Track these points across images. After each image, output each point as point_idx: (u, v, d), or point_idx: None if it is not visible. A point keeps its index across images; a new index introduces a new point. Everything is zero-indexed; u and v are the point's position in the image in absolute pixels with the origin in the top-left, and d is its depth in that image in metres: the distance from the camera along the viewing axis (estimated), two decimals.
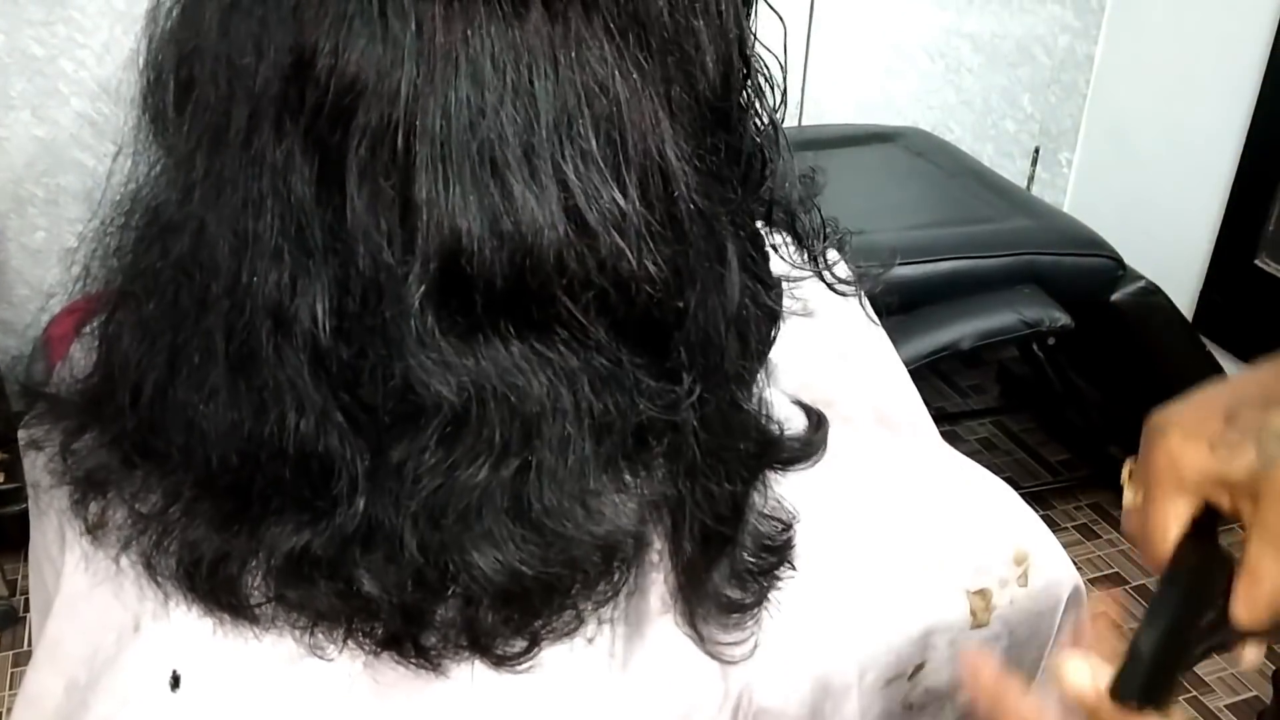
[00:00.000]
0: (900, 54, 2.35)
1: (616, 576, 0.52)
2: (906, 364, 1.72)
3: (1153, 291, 1.84)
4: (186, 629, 0.52)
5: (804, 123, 2.30)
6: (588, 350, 0.49)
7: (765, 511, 0.56)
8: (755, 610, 0.55)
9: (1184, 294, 2.23)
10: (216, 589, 0.51)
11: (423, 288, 0.46)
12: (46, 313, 2.01)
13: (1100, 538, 2.16)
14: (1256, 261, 2.14)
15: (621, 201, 0.47)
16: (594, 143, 0.46)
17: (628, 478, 0.51)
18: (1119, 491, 0.55)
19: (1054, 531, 0.63)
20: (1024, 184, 2.56)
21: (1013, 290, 1.70)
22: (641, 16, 0.47)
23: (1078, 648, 0.47)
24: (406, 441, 0.48)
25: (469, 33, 0.45)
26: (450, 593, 0.50)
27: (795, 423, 0.63)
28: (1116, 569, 2.07)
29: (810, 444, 0.60)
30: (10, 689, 1.75)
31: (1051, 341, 1.92)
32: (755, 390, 0.57)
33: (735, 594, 0.54)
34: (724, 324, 0.52)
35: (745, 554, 0.55)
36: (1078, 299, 1.77)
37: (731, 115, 0.53)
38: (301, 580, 0.51)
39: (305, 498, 0.50)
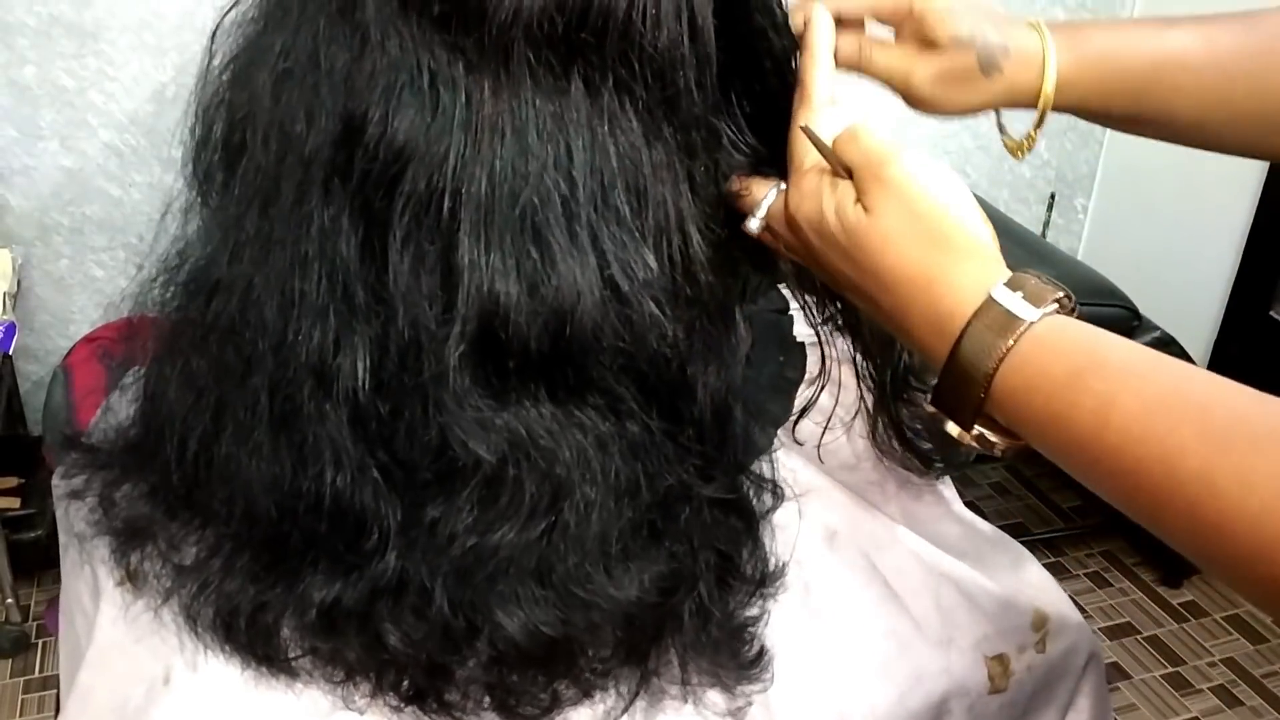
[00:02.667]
0: None
1: (635, 643, 0.53)
2: None
3: (1168, 342, 1.84)
4: (217, 682, 0.53)
5: None
6: (618, 416, 0.50)
7: (761, 566, 0.58)
8: (764, 659, 0.56)
9: (1199, 343, 2.24)
10: (254, 640, 0.52)
11: (461, 349, 0.47)
12: (67, 339, 2.03)
13: (1112, 585, 2.15)
14: (1272, 313, 2.14)
15: (654, 268, 0.48)
16: (627, 211, 0.48)
17: (653, 546, 0.52)
18: (1131, 539, 0.63)
19: (1065, 578, 0.65)
20: (1039, 229, 2.57)
21: None
22: (671, 96, 0.49)
23: None
24: (443, 500, 0.49)
25: (515, 104, 0.46)
26: (475, 650, 0.51)
27: (802, 475, 0.63)
28: (1128, 618, 2.06)
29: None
30: (21, 715, 1.75)
31: None
32: (769, 453, 0.58)
33: (743, 649, 0.55)
34: (734, 392, 0.53)
35: (747, 613, 0.56)
36: None
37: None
38: (333, 633, 0.52)
39: (339, 551, 0.51)
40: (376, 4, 0.46)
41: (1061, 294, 0.49)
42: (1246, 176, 2.16)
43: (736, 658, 0.54)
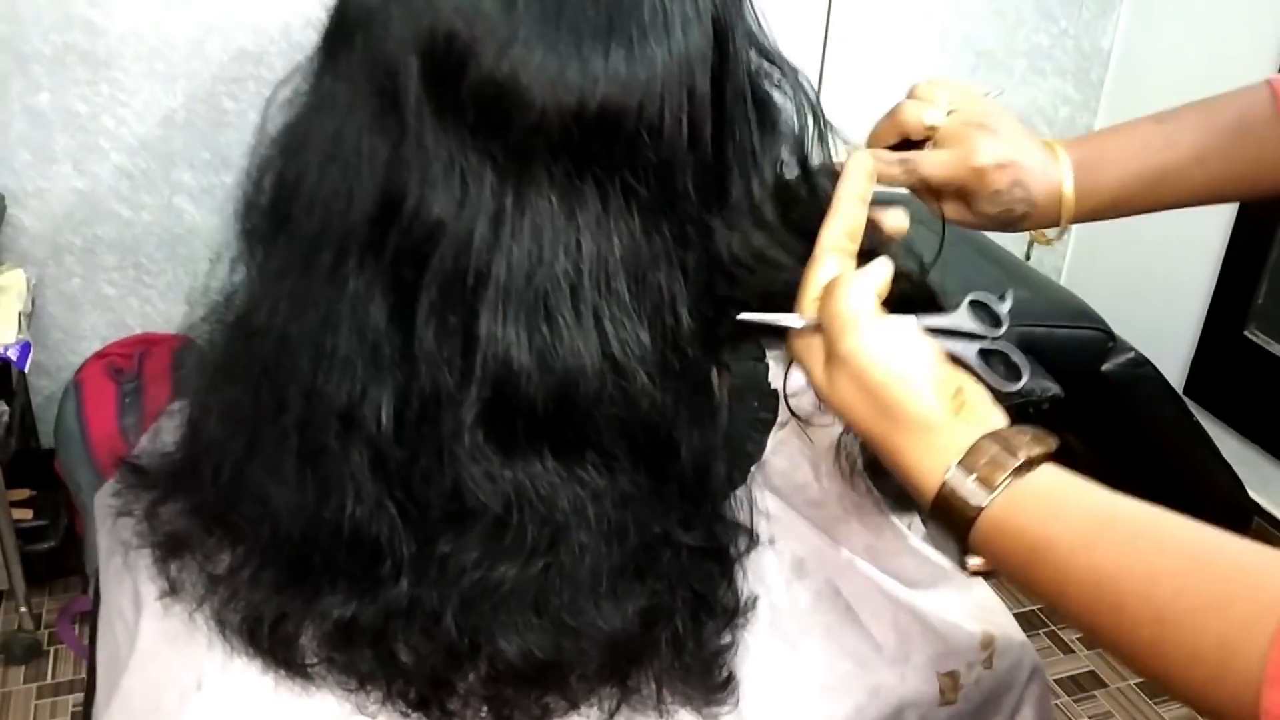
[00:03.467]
0: None
1: (618, 666, 0.59)
2: None
3: (1141, 363, 1.91)
4: (243, 687, 0.60)
5: None
6: (611, 472, 0.56)
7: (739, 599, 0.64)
8: (730, 684, 0.63)
9: (1176, 362, 2.30)
10: (275, 645, 0.59)
11: (476, 409, 0.54)
12: (78, 355, 2.10)
13: None
14: (1246, 333, 2.21)
15: (648, 345, 0.54)
16: (626, 295, 0.54)
17: (636, 584, 0.58)
18: None
19: None
20: (1024, 251, 2.64)
21: None
22: (670, 196, 0.55)
23: None
24: (453, 537, 0.56)
25: (534, 200, 0.53)
26: (476, 667, 0.58)
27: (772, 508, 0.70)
28: None
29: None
30: None
31: (1045, 407, 1.99)
32: (740, 494, 0.65)
33: (713, 671, 0.62)
34: (713, 453, 0.59)
35: (717, 634, 0.63)
36: (1069, 369, 1.84)
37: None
38: (349, 645, 0.58)
39: (356, 574, 0.58)
40: (416, 107, 0.53)
41: (1020, 462, 0.52)
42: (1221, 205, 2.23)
43: (706, 683, 0.61)
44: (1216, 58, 2.24)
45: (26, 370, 1.85)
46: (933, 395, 0.54)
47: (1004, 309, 0.64)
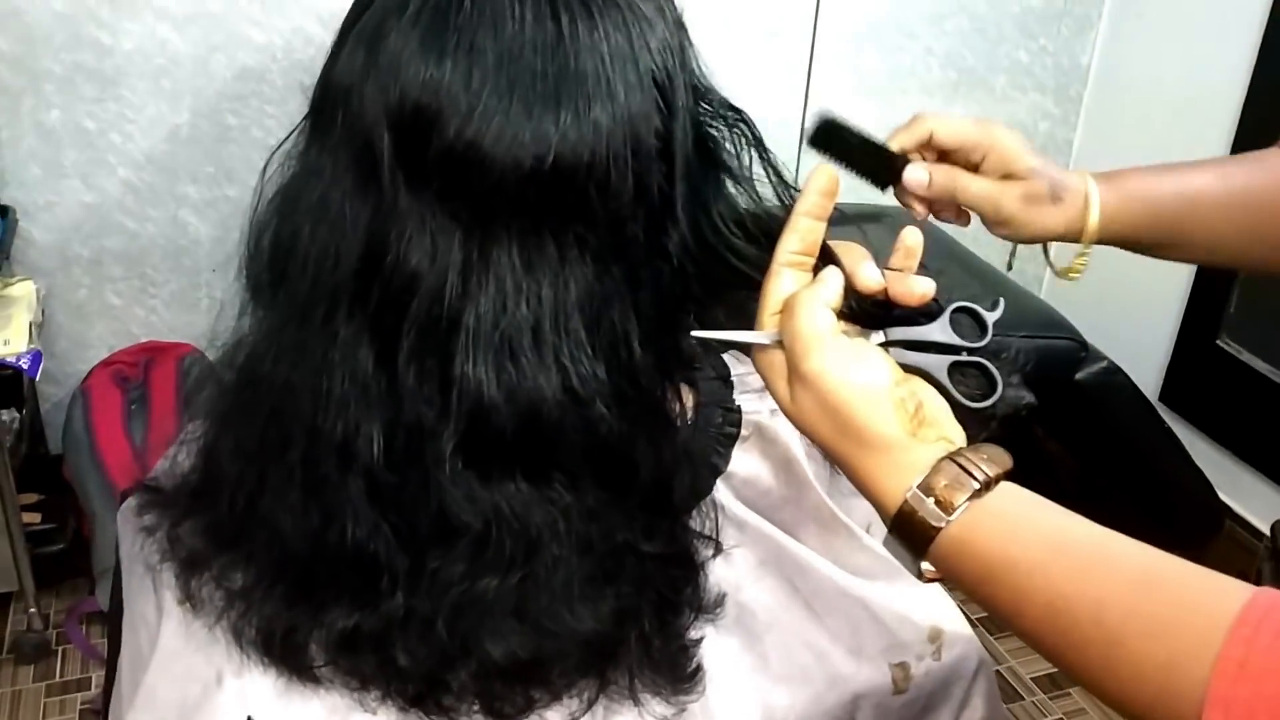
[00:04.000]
0: None
1: (593, 662, 0.66)
2: None
3: (1113, 371, 1.98)
4: (260, 684, 0.66)
5: None
6: (577, 490, 0.63)
7: (704, 599, 0.70)
8: (698, 676, 0.69)
9: (1151, 370, 2.37)
10: (286, 654, 0.65)
11: (454, 441, 0.61)
12: (85, 364, 2.16)
13: None
14: (1218, 342, 2.27)
15: (604, 377, 0.61)
16: (583, 334, 0.61)
17: (606, 588, 0.65)
18: None
19: None
20: (1005, 262, 2.70)
21: None
22: (621, 246, 0.62)
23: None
24: (440, 553, 0.62)
25: (497, 254, 0.60)
26: (467, 667, 0.64)
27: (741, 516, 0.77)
28: None
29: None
30: (44, 718, 1.87)
31: (1023, 414, 2.05)
32: (705, 506, 0.71)
33: (681, 662, 0.68)
34: (668, 468, 0.66)
35: (687, 631, 0.69)
36: (1043, 377, 1.90)
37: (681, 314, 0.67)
38: (352, 652, 0.65)
39: (357, 589, 0.64)
40: (390, 175, 0.59)
41: (978, 484, 0.55)
42: None
43: (675, 674, 0.67)
44: (1191, 73, 2.31)
45: (37, 378, 1.91)
46: (891, 415, 0.57)
47: (992, 318, 0.65)
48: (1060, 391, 1.93)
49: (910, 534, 0.57)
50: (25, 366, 1.84)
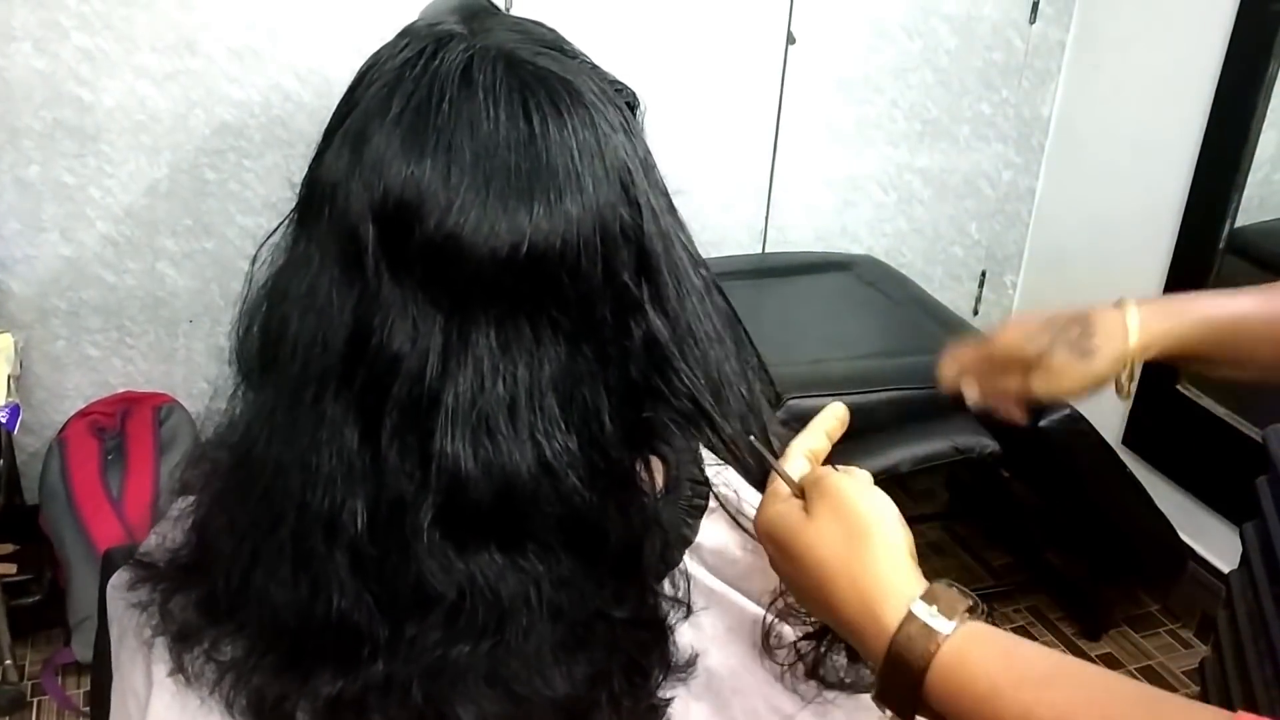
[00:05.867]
0: (856, 187, 2.56)
1: None
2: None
3: (1076, 419, 2.02)
4: None
5: (768, 249, 2.50)
6: (548, 560, 0.66)
7: (674, 659, 0.73)
8: None
9: (1114, 415, 2.42)
10: None
11: (431, 514, 0.64)
12: (62, 414, 2.17)
13: (1036, 638, 2.32)
14: (1179, 387, 2.33)
15: (576, 450, 0.65)
16: (556, 410, 0.64)
17: (577, 653, 0.68)
18: (1054, 596, 0.90)
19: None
20: (972, 304, 2.76)
21: (947, 419, 1.88)
22: (591, 326, 0.65)
23: None
24: (418, 620, 0.65)
25: (474, 338, 0.63)
26: None
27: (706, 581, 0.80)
28: None
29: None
30: None
31: (989, 460, 2.10)
32: (675, 574, 0.75)
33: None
34: (636, 539, 0.69)
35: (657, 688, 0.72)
36: (1006, 424, 1.95)
37: (651, 386, 0.71)
38: (336, 717, 0.67)
39: (341, 657, 0.67)
40: (374, 266, 0.63)
41: (970, 601, 0.60)
42: (1155, 261, 2.36)
43: None
44: (1148, 122, 2.38)
45: (15, 431, 1.92)
46: (897, 532, 0.65)
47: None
48: (1024, 438, 1.97)
49: (923, 638, 0.60)
50: (3, 420, 1.86)
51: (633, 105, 0.72)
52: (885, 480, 0.76)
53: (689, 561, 0.78)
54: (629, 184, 0.67)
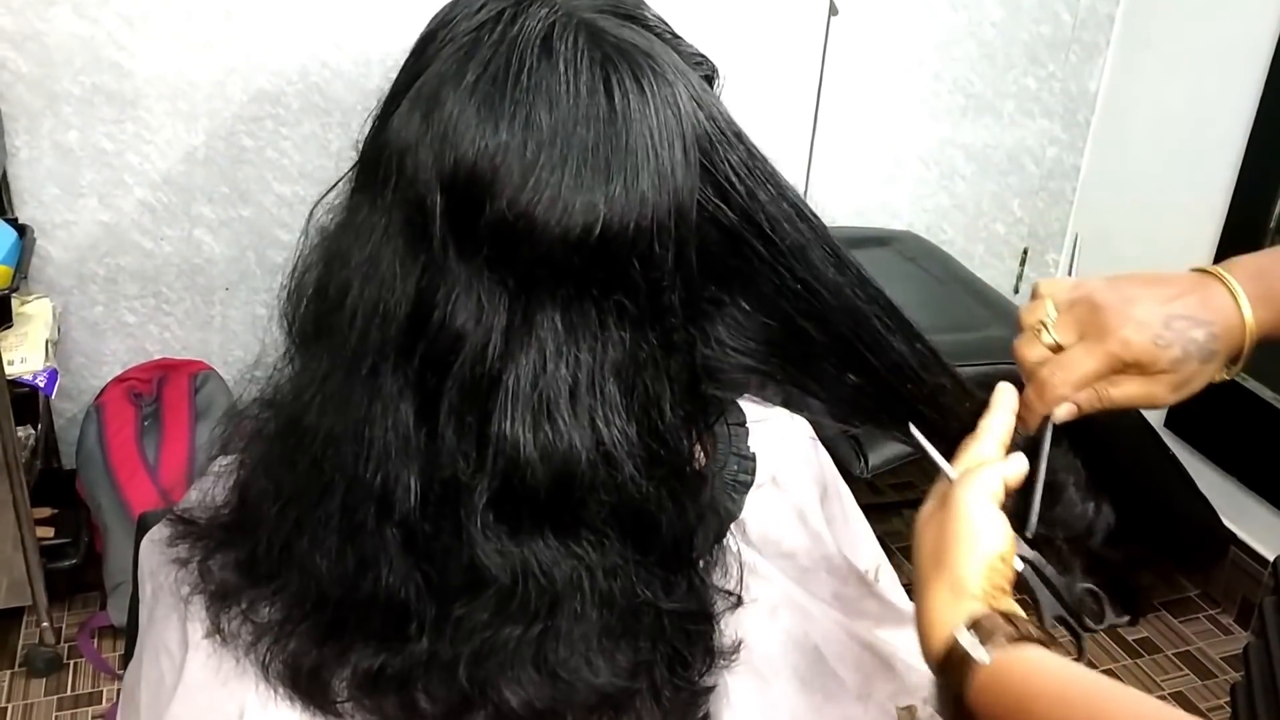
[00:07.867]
0: (898, 162, 2.52)
1: (606, 712, 0.67)
2: (888, 465, 1.86)
3: None
4: (284, 718, 0.68)
5: None
6: (602, 548, 0.65)
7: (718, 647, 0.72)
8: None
9: None
10: (311, 690, 0.67)
11: (487, 496, 0.62)
12: (100, 380, 2.18)
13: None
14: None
15: (635, 439, 0.63)
16: (618, 396, 0.63)
17: (623, 643, 0.66)
18: (1093, 582, 0.83)
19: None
20: (1013, 283, 2.72)
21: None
22: (658, 311, 0.63)
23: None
24: (467, 602, 0.64)
25: (539, 319, 0.61)
26: (483, 713, 0.66)
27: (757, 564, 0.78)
28: (1088, 654, 2.21)
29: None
30: None
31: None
32: (728, 559, 0.73)
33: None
34: (691, 530, 0.67)
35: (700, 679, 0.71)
36: None
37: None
38: (376, 691, 0.66)
39: (385, 632, 0.66)
40: (441, 240, 0.61)
41: (1012, 628, 0.62)
42: (1203, 238, 2.31)
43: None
44: (1197, 99, 2.32)
45: (53, 396, 1.93)
46: (978, 571, 0.65)
47: (1111, 621, 0.77)
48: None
49: (961, 659, 0.63)
50: (42, 385, 1.87)
51: (710, 79, 0.69)
52: (920, 458, 0.74)
53: (733, 539, 0.77)
54: (710, 166, 0.64)
